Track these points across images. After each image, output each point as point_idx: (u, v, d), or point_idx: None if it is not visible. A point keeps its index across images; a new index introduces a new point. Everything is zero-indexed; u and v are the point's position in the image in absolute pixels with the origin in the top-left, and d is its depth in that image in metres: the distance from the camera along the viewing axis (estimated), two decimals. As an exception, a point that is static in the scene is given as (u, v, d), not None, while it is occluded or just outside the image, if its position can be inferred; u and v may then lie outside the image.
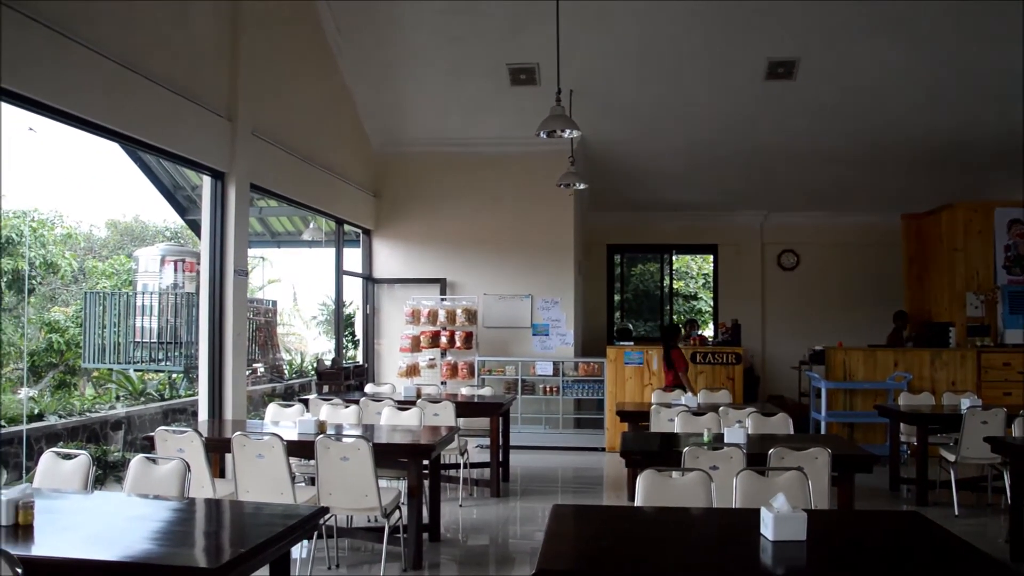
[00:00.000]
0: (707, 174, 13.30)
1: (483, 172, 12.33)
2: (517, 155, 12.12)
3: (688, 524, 3.85)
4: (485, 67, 10.83)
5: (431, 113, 11.94)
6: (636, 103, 11.42)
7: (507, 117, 11.60)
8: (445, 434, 6.51)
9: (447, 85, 11.28)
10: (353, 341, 15.05)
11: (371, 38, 10.60)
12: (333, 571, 6.05)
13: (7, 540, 3.31)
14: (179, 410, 10.39)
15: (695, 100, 11.21)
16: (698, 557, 3.37)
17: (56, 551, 3.30)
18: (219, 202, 7.91)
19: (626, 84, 11.02)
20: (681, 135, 12.10)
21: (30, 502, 3.55)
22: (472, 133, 12.12)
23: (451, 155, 12.40)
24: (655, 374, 11.19)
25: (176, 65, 7.13)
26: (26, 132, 8.32)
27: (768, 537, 3.41)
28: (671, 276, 17.22)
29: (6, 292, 16.80)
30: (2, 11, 5.06)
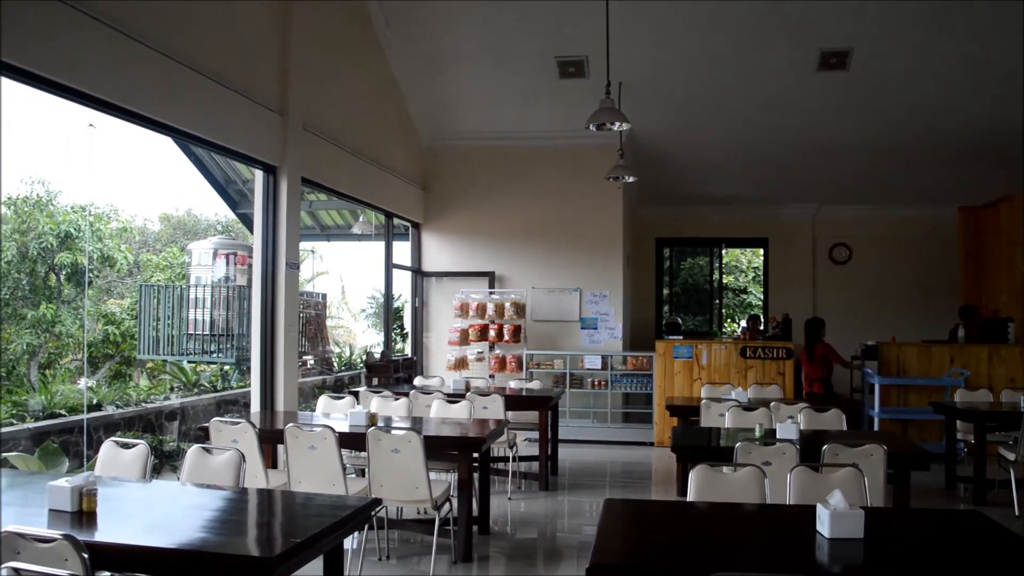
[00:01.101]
0: (757, 167, 13.14)
1: (531, 165, 12.32)
2: (565, 148, 12.09)
3: (742, 520, 3.81)
4: (533, 60, 10.81)
5: (479, 106, 11.95)
6: (685, 95, 11.32)
7: (555, 110, 11.58)
8: (495, 427, 6.52)
9: (495, 78, 11.28)
10: (402, 334, 15.14)
11: (420, 32, 10.65)
12: (384, 562, 6.10)
13: (72, 526, 3.38)
14: (231, 401, 10.54)
15: (745, 92, 11.08)
16: (754, 554, 3.33)
17: (118, 537, 3.37)
18: (271, 196, 8.01)
19: (675, 76, 10.93)
20: (731, 127, 11.97)
21: (93, 489, 3.63)
22: (520, 126, 12.11)
23: (499, 148, 12.41)
24: (704, 368, 11.11)
25: (229, 61, 7.22)
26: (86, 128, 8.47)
27: (824, 534, 3.36)
28: (720, 270, 17.07)
29: (65, 285, 17.19)
30: (65, 11, 5.17)
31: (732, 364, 11.14)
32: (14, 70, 4.97)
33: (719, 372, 11.11)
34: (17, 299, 16.62)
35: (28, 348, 16.66)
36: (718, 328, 16.23)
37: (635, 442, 11.41)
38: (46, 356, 17.25)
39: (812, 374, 10.41)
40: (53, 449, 7.11)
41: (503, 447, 8.30)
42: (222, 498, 4.13)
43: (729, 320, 20.23)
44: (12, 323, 16.73)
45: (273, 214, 7.99)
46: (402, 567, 6.07)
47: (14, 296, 16.54)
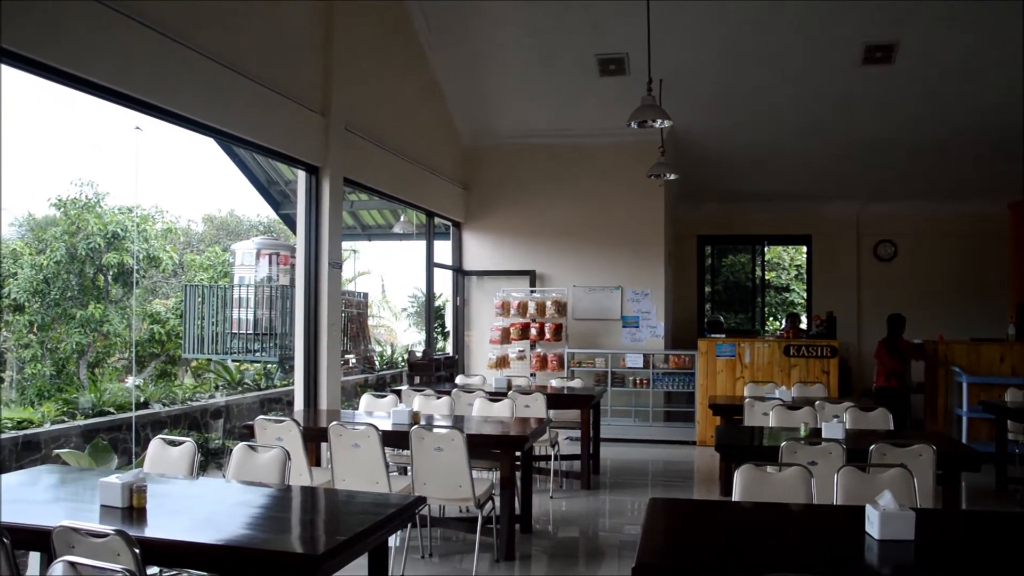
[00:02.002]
0: (800, 163, 12.99)
1: (572, 164, 12.30)
2: (606, 146, 12.06)
3: (789, 520, 3.77)
4: (573, 58, 10.79)
5: (520, 105, 11.95)
6: (727, 91, 11.22)
7: (596, 108, 11.54)
8: (537, 426, 6.51)
9: (535, 77, 11.28)
10: (443, 333, 15.20)
11: (460, 32, 10.67)
12: (426, 560, 6.12)
13: (124, 521, 3.44)
14: (274, 400, 10.64)
15: (788, 87, 10.95)
16: (802, 554, 3.28)
17: (167, 533, 3.42)
18: (313, 196, 8.07)
19: (717, 72, 10.84)
20: (773, 123, 11.85)
21: (143, 486, 3.69)
22: (561, 125, 12.09)
23: (540, 147, 12.40)
24: (747, 367, 11.01)
25: (272, 63, 7.29)
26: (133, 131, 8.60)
27: (874, 536, 3.31)
28: (763, 267, 16.90)
29: (113, 285, 17.48)
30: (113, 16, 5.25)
31: (775, 362, 11.03)
32: (63, 74, 5.07)
33: (762, 370, 11.00)
34: (67, 299, 16.94)
35: (77, 347, 16.98)
36: (760, 326, 16.06)
37: (677, 441, 11.34)
38: (94, 355, 17.57)
39: (893, 368, 10.24)
40: (103, 446, 7.23)
41: (545, 446, 8.30)
42: (267, 495, 4.17)
43: (771, 318, 20.03)
44: (62, 323, 17.06)
45: (316, 214, 8.05)
46: (444, 565, 6.08)
47: (64, 296, 16.85)
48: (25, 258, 16.87)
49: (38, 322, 17.11)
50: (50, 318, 17.04)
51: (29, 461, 6.96)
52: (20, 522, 3.36)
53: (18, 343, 17.72)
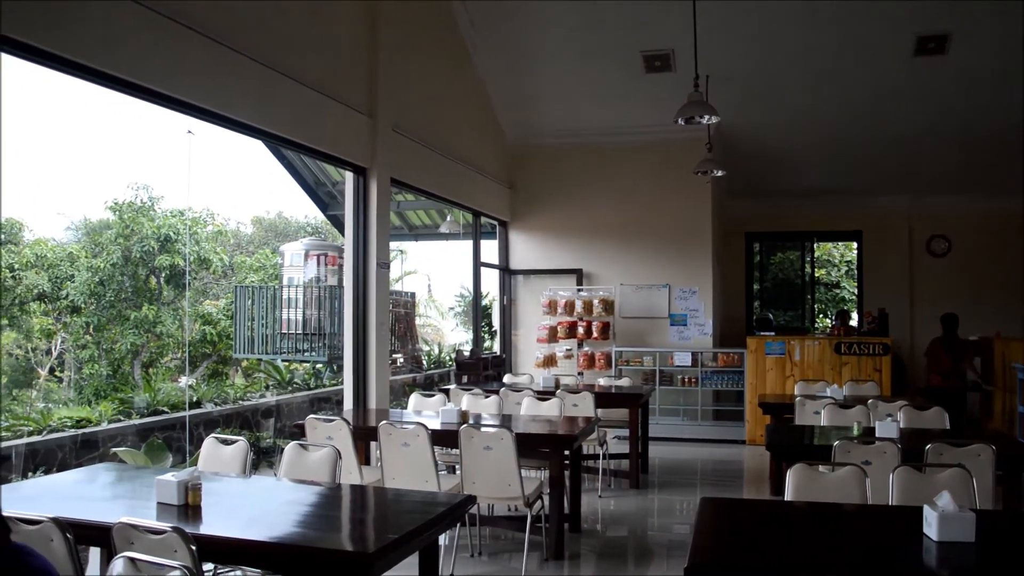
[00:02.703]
0: (850, 158, 12.78)
1: (618, 161, 12.26)
2: (652, 143, 11.99)
3: (844, 521, 3.71)
4: (619, 55, 10.75)
5: (565, 104, 11.93)
6: (775, 86, 11.09)
7: (642, 105, 11.48)
8: (586, 425, 6.50)
9: (580, 75, 11.25)
10: (490, 332, 15.23)
11: (504, 31, 10.69)
12: (475, 559, 6.14)
13: (179, 519, 3.50)
14: (323, 399, 10.74)
15: (837, 81, 10.79)
16: (858, 556, 3.22)
17: (222, 531, 3.46)
18: (361, 197, 8.14)
19: (764, 67, 10.72)
20: (822, 118, 11.68)
21: (198, 484, 3.75)
22: (606, 122, 12.05)
23: (585, 145, 12.37)
24: (797, 365, 10.88)
25: (319, 65, 7.36)
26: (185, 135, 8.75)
27: (932, 537, 3.24)
28: (812, 264, 16.69)
29: (165, 287, 17.80)
30: (164, 23, 5.35)
31: (826, 360, 10.88)
32: (118, 81, 5.16)
33: (812, 369, 10.87)
34: (121, 301, 17.27)
35: (132, 347, 17.31)
36: (810, 324, 15.86)
37: (726, 440, 11.25)
38: (148, 355, 17.90)
39: (950, 367, 10.07)
40: (158, 444, 7.36)
41: (593, 445, 8.27)
42: (319, 494, 4.21)
43: (821, 316, 19.76)
44: (117, 324, 17.40)
45: (364, 214, 8.12)
46: (493, 564, 6.10)
47: (118, 298, 17.19)
48: (82, 261, 17.23)
49: (94, 323, 17.49)
50: (105, 319, 17.40)
51: (87, 459, 7.11)
52: (81, 518, 3.43)
53: (75, 343, 18.13)
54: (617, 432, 9.33)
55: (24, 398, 17.41)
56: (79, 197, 26.37)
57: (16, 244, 17.44)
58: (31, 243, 17.77)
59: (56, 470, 6.72)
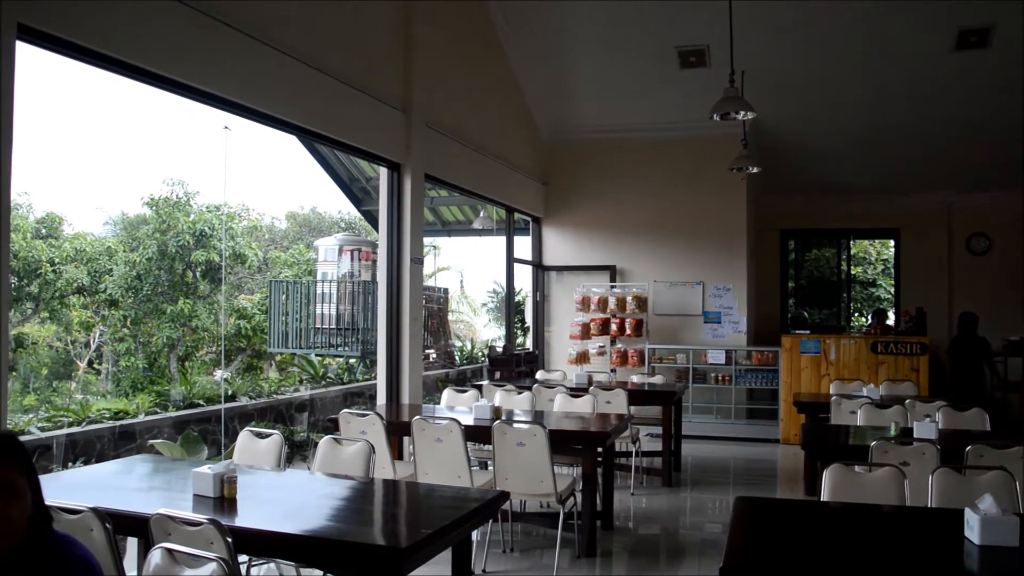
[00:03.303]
0: (888, 154, 12.61)
1: (651, 157, 12.19)
2: (686, 139, 11.91)
3: (882, 523, 3.65)
4: (653, 51, 10.69)
5: (598, 100, 11.89)
6: (811, 82, 10.97)
7: (676, 101, 11.41)
8: (619, 422, 6.47)
9: (614, 71, 11.21)
10: (523, 328, 15.23)
11: (538, 26, 10.67)
12: (507, 555, 6.13)
13: (215, 511, 3.52)
14: (356, 394, 10.79)
15: (876, 76, 10.64)
16: (897, 558, 3.16)
17: (257, 523, 3.49)
18: (395, 192, 8.16)
19: (801, 62, 10.61)
20: (859, 113, 11.52)
21: (234, 477, 3.77)
22: (640, 118, 11.99)
23: (619, 141, 12.32)
24: (832, 364, 10.77)
25: (355, 62, 7.39)
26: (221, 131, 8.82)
27: (973, 541, 3.18)
28: (848, 262, 16.50)
29: (201, 281, 17.97)
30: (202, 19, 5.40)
31: (862, 360, 10.75)
32: (156, 77, 5.22)
33: (848, 368, 10.74)
34: (158, 295, 17.46)
35: (168, 341, 17.51)
36: (846, 322, 15.69)
37: (759, 439, 11.15)
38: (184, 349, 18.10)
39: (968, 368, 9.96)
40: (193, 437, 7.44)
41: (626, 442, 8.24)
42: (353, 488, 4.23)
43: (857, 314, 19.55)
44: (153, 317, 17.61)
45: (397, 210, 8.14)
46: (525, 560, 6.09)
47: (155, 292, 17.38)
48: (120, 255, 17.45)
49: (131, 316, 17.71)
50: (142, 313, 17.62)
51: (125, 450, 7.21)
52: (120, 508, 3.46)
53: (113, 336, 18.37)
54: (650, 430, 9.30)
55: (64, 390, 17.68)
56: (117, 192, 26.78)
57: (56, 238, 17.70)
58: (71, 237, 18.02)
59: (95, 460, 6.82)
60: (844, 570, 3.03)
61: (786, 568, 3.06)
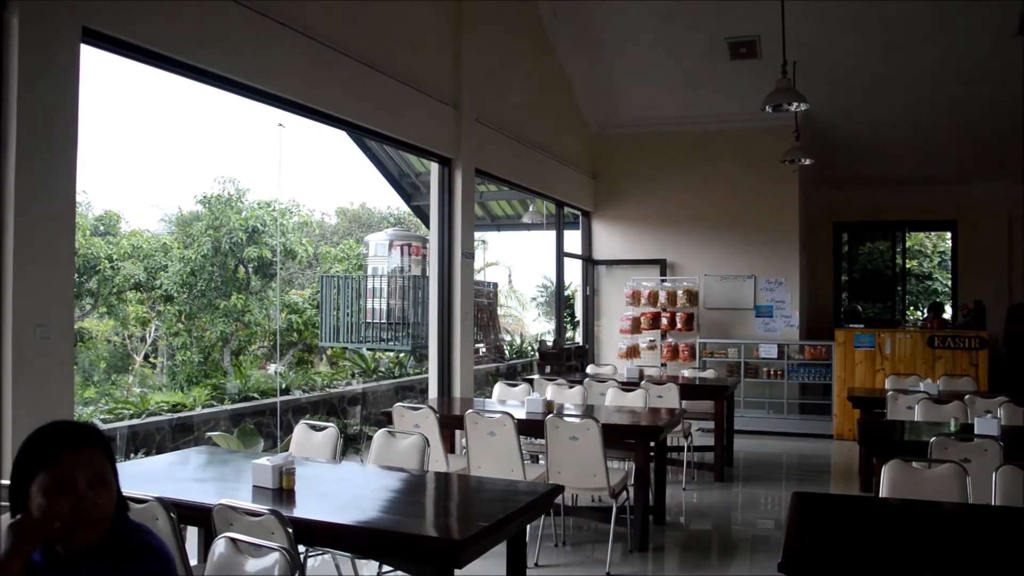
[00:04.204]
0: (946, 143, 12.33)
1: (702, 150, 12.09)
2: (737, 132, 11.79)
3: (943, 520, 3.59)
4: (703, 42, 10.60)
5: (647, 92, 11.82)
6: (865, 72, 10.78)
7: (726, 93, 11.30)
8: (672, 416, 6.45)
9: (663, 64, 11.13)
10: (572, 322, 15.22)
11: (587, 20, 10.64)
12: (560, 549, 6.14)
13: (274, 502, 3.58)
14: (408, 387, 10.87)
15: (932, 64, 10.42)
16: (961, 557, 3.11)
17: (316, 514, 3.53)
18: (446, 187, 8.21)
19: (855, 51, 10.43)
20: (916, 102, 11.29)
21: (292, 468, 3.83)
22: (690, 111, 11.89)
23: (668, 134, 12.24)
24: (887, 358, 10.60)
25: (406, 58, 7.44)
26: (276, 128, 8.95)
27: (1041, 539, 3.12)
28: (903, 255, 16.22)
29: (253, 277, 18.24)
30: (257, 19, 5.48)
31: (918, 354, 10.56)
32: (213, 76, 5.31)
33: (904, 362, 10.56)
34: (211, 290, 17.75)
35: (221, 336, 17.80)
36: (901, 316, 15.43)
37: (812, 434, 11.01)
38: (237, 343, 18.39)
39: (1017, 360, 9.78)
40: (250, 429, 7.57)
41: (678, 437, 8.21)
42: (409, 481, 4.27)
43: (912, 308, 19.21)
44: (207, 312, 17.91)
45: (448, 205, 8.19)
46: (577, 554, 6.10)
47: (208, 287, 17.66)
48: (174, 252, 17.77)
49: (186, 312, 18.02)
50: (197, 308, 17.92)
51: (183, 442, 7.36)
52: (181, 499, 3.54)
53: (168, 331, 18.71)
54: (701, 424, 9.24)
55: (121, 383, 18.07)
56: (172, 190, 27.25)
57: (114, 235, 18.07)
58: (128, 234, 18.39)
59: (155, 452, 6.97)
60: (906, 568, 2.98)
61: (846, 564, 3.02)
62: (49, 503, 1.91)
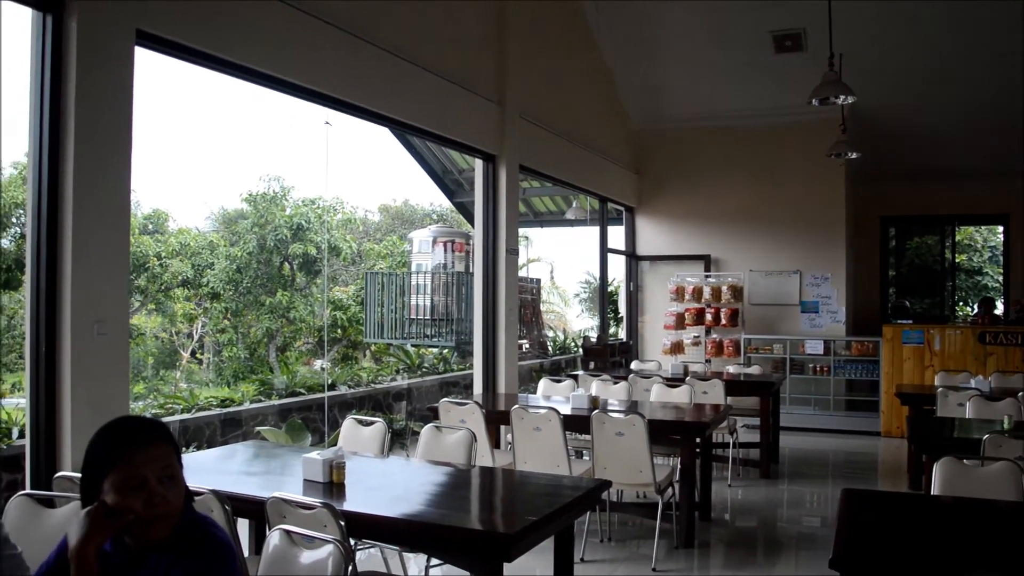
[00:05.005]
0: (997, 136, 12.04)
1: (746, 145, 11.99)
2: (781, 126, 11.67)
3: (999, 519, 3.53)
4: (746, 36, 10.51)
5: (691, 87, 11.75)
6: (912, 64, 10.59)
7: (771, 86, 11.19)
8: (718, 412, 6.42)
9: (707, 58, 11.06)
10: (616, 318, 15.21)
11: (629, 15, 10.59)
12: (605, 544, 6.15)
13: (325, 495, 3.63)
14: (452, 383, 10.93)
15: (982, 53, 10.20)
16: (1017, 556, 3.06)
17: (366, 508, 3.57)
18: (491, 183, 8.24)
19: (901, 42, 10.25)
20: (965, 93, 11.07)
21: (342, 463, 3.88)
22: (733, 105, 11.79)
23: (712, 129, 12.15)
24: (937, 355, 10.43)
25: (450, 55, 7.48)
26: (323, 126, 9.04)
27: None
28: (953, 250, 15.95)
29: (298, 273, 18.44)
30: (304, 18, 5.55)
31: (969, 351, 10.38)
32: (261, 75, 5.39)
33: (954, 359, 10.38)
34: (257, 287, 17.97)
35: (267, 332, 18.02)
36: (950, 312, 15.17)
37: (859, 431, 10.88)
38: (282, 339, 18.61)
39: None
40: (298, 424, 7.67)
41: (723, 433, 8.16)
42: (457, 475, 4.29)
43: (961, 304, 18.89)
44: (253, 309, 18.15)
45: (493, 201, 8.22)
46: (623, 550, 6.10)
47: (254, 284, 17.89)
48: (221, 249, 18.02)
49: (232, 308, 18.27)
50: (242, 305, 18.16)
51: (232, 437, 7.47)
52: (234, 491, 3.59)
53: (215, 328, 18.99)
54: (746, 421, 9.18)
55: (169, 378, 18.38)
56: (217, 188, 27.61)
57: (162, 233, 18.38)
58: (175, 232, 18.69)
59: (205, 446, 7.09)
60: (960, 566, 2.94)
61: (899, 562, 2.99)
62: (121, 499, 1.96)
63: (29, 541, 2.80)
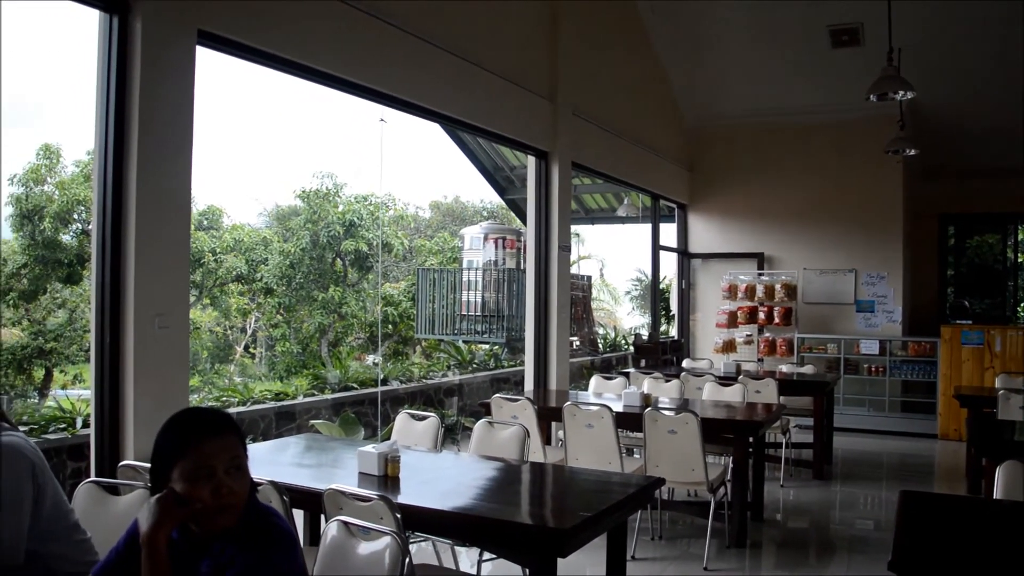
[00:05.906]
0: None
1: (801, 141, 11.84)
2: (837, 122, 11.50)
3: (1063, 522, 3.47)
4: (802, 31, 10.37)
5: (745, 83, 11.63)
6: (975, 56, 10.35)
7: (826, 82, 11.03)
8: (771, 412, 6.36)
9: (762, 53, 10.93)
10: (667, 316, 15.13)
11: (683, 11, 10.53)
12: (656, 542, 6.13)
13: (380, 488, 3.67)
14: (503, 379, 10.96)
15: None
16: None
17: (421, 501, 3.60)
18: (543, 180, 8.25)
19: (963, 35, 10.03)
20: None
21: (397, 456, 3.92)
22: (789, 101, 11.65)
23: (766, 125, 12.02)
24: (997, 356, 10.21)
25: (503, 53, 7.50)
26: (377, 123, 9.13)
27: None
28: (1015, 249, 15.57)
29: (350, 270, 18.62)
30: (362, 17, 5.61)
31: (1031, 352, 10.16)
32: (319, 74, 5.47)
33: (1015, 361, 10.15)
34: (309, 283, 18.19)
35: (319, 327, 18.23)
36: (1012, 313, 14.82)
37: (915, 433, 10.69)
38: (334, 334, 18.82)
39: None
40: (351, 418, 7.75)
41: (776, 433, 8.08)
42: (510, 470, 4.31)
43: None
44: (305, 305, 18.37)
45: (545, 198, 8.23)
46: (674, 548, 6.07)
47: (307, 280, 18.10)
48: (274, 245, 18.27)
49: (285, 304, 18.52)
50: (295, 300, 18.40)
51: (286, 430, 7.58)
52: (291, 483, 3.65)
53: (268, 323, 19.26)
54: (799, 421, 9.08)
55: (223, 372, 18.69)
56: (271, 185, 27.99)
57: (217, 229, 18.68)
58: (230, 228, 18.99)
59: (261, 438, 7.20)
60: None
61: (959, 566, 2.94)
62: (190, 488, 2.01)
63: (96, 527, 2.87)
